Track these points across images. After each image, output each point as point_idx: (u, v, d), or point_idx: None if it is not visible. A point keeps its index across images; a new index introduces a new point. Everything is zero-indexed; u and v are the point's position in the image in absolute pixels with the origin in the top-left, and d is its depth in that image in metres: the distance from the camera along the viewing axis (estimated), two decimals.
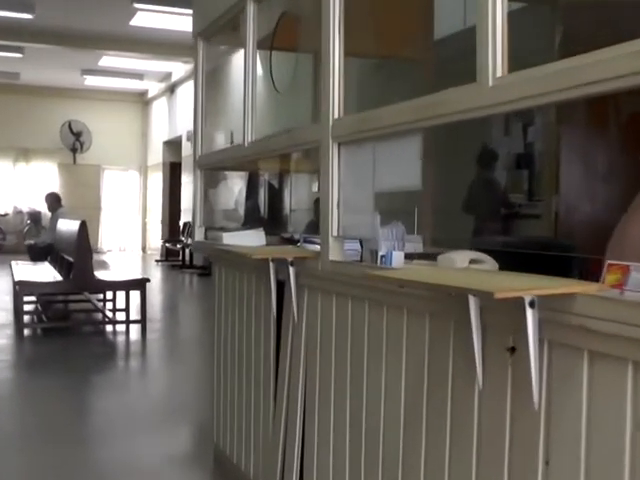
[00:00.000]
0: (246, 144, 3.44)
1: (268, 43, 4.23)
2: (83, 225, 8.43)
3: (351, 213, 2.62)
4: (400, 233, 2.52)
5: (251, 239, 3.67)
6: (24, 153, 22.05)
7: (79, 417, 5.37)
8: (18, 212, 21.44)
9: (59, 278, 8.55)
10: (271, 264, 3.07)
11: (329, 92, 2.58)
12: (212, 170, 4.41)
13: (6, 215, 21.55)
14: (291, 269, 2.89)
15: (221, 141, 4.81)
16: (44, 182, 20.16)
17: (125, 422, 5.21)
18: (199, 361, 7.10)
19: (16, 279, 8.33)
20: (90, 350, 7.51)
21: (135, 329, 8.60)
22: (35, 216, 13.99)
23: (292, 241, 4.05)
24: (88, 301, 9.71)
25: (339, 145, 2.59)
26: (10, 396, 6.08)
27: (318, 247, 2.87)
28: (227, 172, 9.79)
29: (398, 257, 2.42)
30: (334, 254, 2.61)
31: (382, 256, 2.46)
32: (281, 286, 3.11)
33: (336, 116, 2.59)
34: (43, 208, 12.62)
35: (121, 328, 8.84)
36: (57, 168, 22.17)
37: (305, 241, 3.35)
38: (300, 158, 4.88)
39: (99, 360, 7.26)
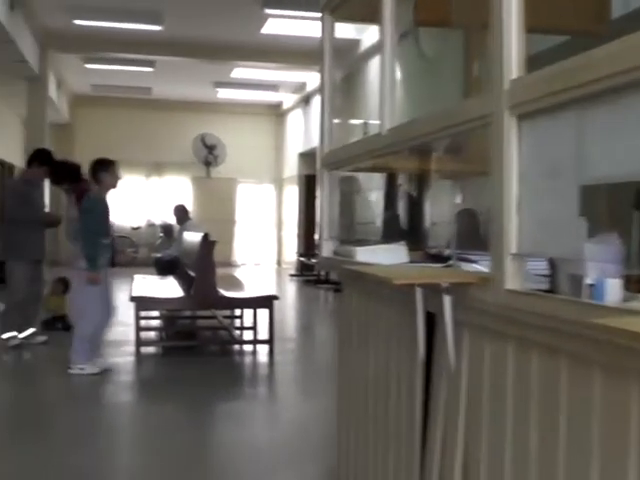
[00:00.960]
0: (384, 132, 2.65)
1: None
2: (206, 238, 7.86)
3: (535, 221, 1.79)
4: (615, 251, 1.68)
5: (390, 256, 2.88)
6: (157, 167, 22.05)
7: (199, 452, 4.71)
8: (150, 225, 21.41)
9: (180, 294, 7.98)
10: (418, 291, 2.27)
11: (501, 42, 1.77)
12: (340, 170, 3.62)
13: (139, 228, 21.59)
14: (446, 299, 2.08)
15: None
16: (177, 196, 19.96)
17: (247, 460, 4.63)
18: (332, 392, 6.34)
19: (133, 294, 7.82)
20: (213, 373, 6.86)
21: (263, 350, 7.95)
22: (167, 229, 13.68)
23: (440, 258, 3.24)
24: (215, 318, 9.14)
25: (519, 119, 1.77)
26: (126, 425, 5.52)
27: (478, 267, 2.06)
28: (362, 179, 9.04)
29: (613, 288, 1.58)
30: (513, 280, 1.79)
31: (590, 285, 1.63)
32: (431, 320, 2.31)
33: (514, 75, 1.77)
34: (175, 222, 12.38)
35: (248, 348, 8.23)
36: (191, 182, 22.05)
37: (460, 259, 2.56)
38: (443, 155, 4.05)
39: (222, 385, 6.61)
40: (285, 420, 5.65)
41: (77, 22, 13.82)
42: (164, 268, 11.52)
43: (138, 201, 21.97)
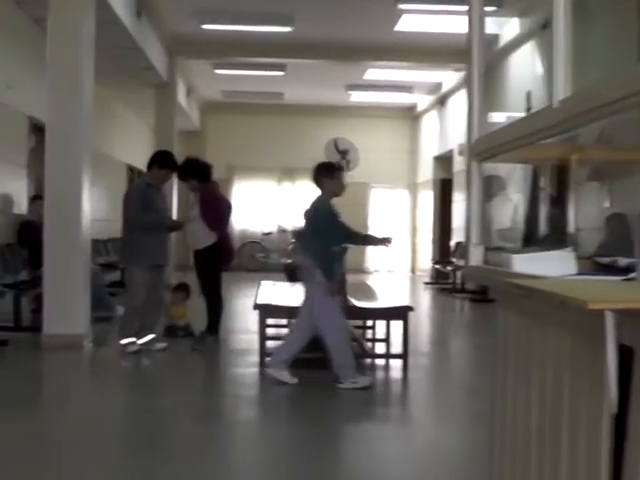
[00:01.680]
0: (556, 103, 2.01)
1: None
2: None
3: None
4: None
5: (557, 265, 2.26)
6: (289, 172, 21.79)
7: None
8: (282, 231, 21.15)
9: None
10: (609, 316, 1.64)
11: None
12: (494, 161, 2.98)
13: (270, 234, 21.38)
14: None
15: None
16: (309, 201, 19.59)
17: None
18: (469, 419, 5.71)
19: (258, 301, 7.36)
20: (342, 389, 6.31)
21: (396, 365, 7.35)
22: (299, 235, 13.31)
23: (614, 270, 2.58)
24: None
25: None
26: (245, 445, 5.00)
27: None
28: (505, 179, 8.32)
29: None
30: None
31: None
32: (625, 354, 1.68)
33: None
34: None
35: (381, 362, 7.64)
36: None
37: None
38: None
39: (351, 403, 6.05)
40: (422, 447, 5.02)
41: (205, 27, 13.61)
42: (293, 274, 11.11)
43: (269, 207, 21.77)
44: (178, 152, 18.09)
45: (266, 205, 21.84)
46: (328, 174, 6.47)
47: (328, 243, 6.26)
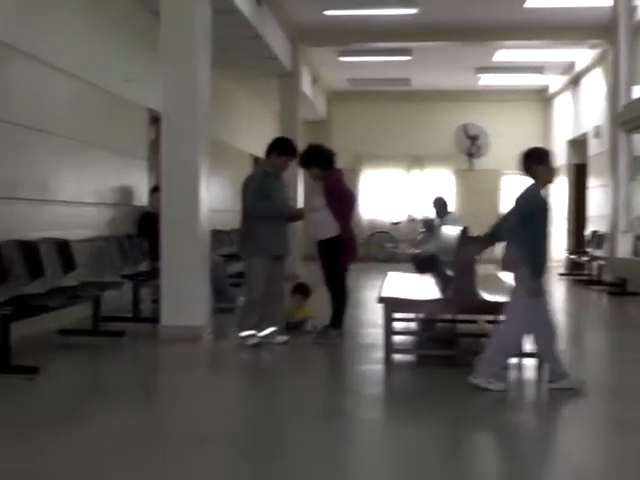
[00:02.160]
0: None
1: None
2: (465, 232, 6.85)
3: None
4: None
5: None
6: (418, 160, 21.31)
7: None
8: (411, 220, 20.69)
9: (436, 295, 7.01)
10: None
11: None
12: None
13: (399, 223, 20.94)
14: None
15: None
16: (439, 189, 19.07)
17: None
18: (615, 427, 5.14)
19: (382, 294, 6.95)
20: (473, 390, 5.83)
21: (529, 364, 6.75)
22: (429, 224, 12.81)
23: None
24: (476, 322, 8.10)
25: None
26: (369, 448, 4.57)
27: None
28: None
29: None
30: None
31: None
32: None
33: None
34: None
35: (512, 361, 7.09)
36: (453, 174, 21.10)
37: None
38: None
39: (484, 406, 5.55)
40: (569, 466, 4.46)
41: (327, 13, 13.30)
42: (422, 265, 10.72)
43: (398, 196, 21.34)
44: (304, 142, 17.99)
45: (394, 194, 21.41)
46: (540, 160, 5.86)
47: (538, 235, 5.72)
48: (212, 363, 7.20)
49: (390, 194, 21.42)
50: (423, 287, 7.84)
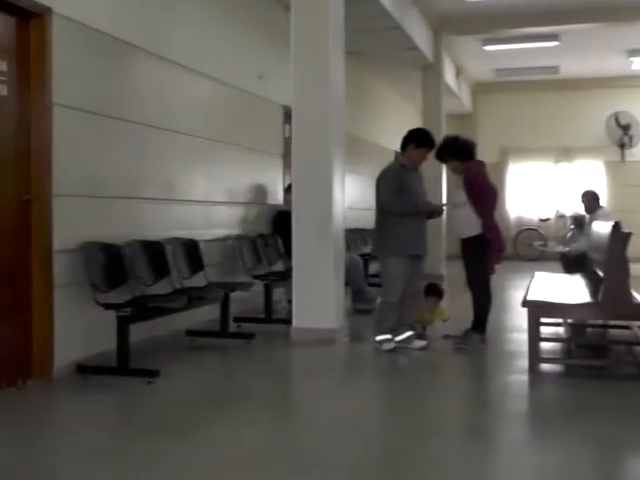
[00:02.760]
0: None
1: None
2: (617, 228, 6.21)
3: None
4: None
5: None
6: (566, 153, 20.24)
7: None
8: (560, 216, 19.71)
9: (586, 298, 6.39)
10: None
11: None
12: None
13: (548, 220, 19.98)
14: None
15: None
16: (588, 183, 18.09)
17: None
18: None
19: (528, 297, 6.39)
20: (631, 407, 5.22)
21: None
22: (579, 221, 12.03)
23: None
24: (628, 328, 7.42)
25: None
26: (517, 477, 4.07)
27: None
28: None
29: None
30: None
31: None
32: None
33: None
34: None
35: None
36: (603, 167, 19.97)
37: None
38: None
39: (637, 426, 4.96)
40: None
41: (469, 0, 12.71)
42: (571, 265, 10.01)
43: (546, 190, 20.36)
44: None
45: (542, 189, 20.43)
46: None
47: None
48: (343, 369, 6.80)
49: (538, 189, 20.48)
50: (572, 289, 7.23)
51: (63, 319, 5.86)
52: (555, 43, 15.31)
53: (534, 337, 6.17)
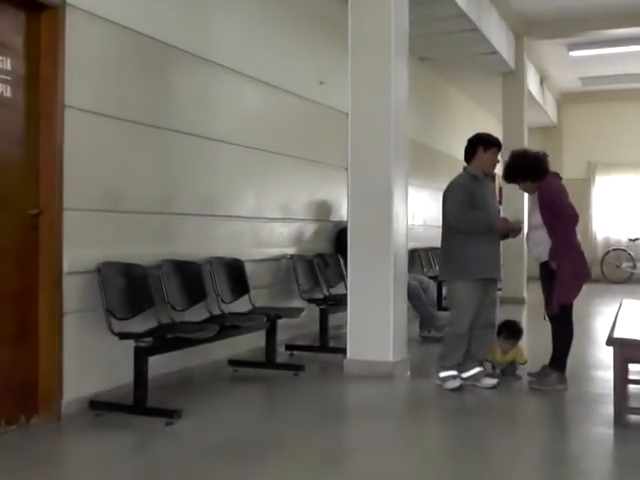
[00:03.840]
0: None
1: None
2: None
3: None
4: None
5: None
6: None
7: None
8: None
9: None
10: None
11: None
12: None
13: (637, 240, 18.66)
14: None
15: None
16: None
17: None
18: None
19: (614, 333, 5.37)
20: None
21: None
22: None
23: None
24: None
25: None
26: None
27: None
28: None
29: None
30: None
31: None
32: None
33: None
34: None
35: None
36: None
37: None
38: None
39: None
40: None
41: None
42: None
43: (637, 208, 19.05)
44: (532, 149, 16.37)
45: (632, 206, 19.15)
46: None
47: None
48: (399, 412, 5.83)
49: (627, 206, 19.21)
50: None
51: (74, 349, 5.16)
52: None
53: (621, 383, 5.15)
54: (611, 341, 5.18)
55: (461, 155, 6.52)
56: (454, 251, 6.23)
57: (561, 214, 6.23)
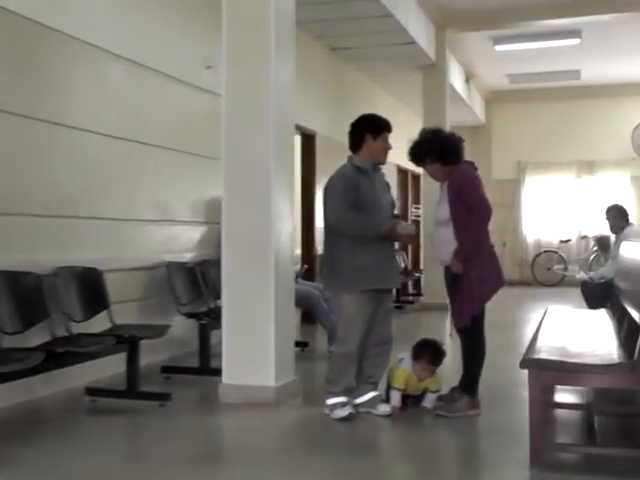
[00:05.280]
0: None
1: None
2: None
3: None
4: None
5: None
6: (588, 167, 18.42)
7: None
8: (583, 237, 17.81)
9: (610, 357, 4.40)
10: None
11: None
12: None
13: (569, 241, 18.04)
14: None
15: None
16: (613, 199, 16.18)
17: None
18: None
19: (529, 353, 4.34)
20: None
21: None
22: (604, 242, 10.21)
23: None
24: None
25: None
26: None
27: None
28: None
29: None
30: None
31: None
32: None
33: None
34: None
35: None
36: (630, 181, 18.04)
37: None
38: None
39: None
40: None
41: None
42: (594, 296, 8.15)
43: (567, 209, 18.40)
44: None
45: (563, 207, 18.51)
46: None
47: None
48: (268, 453, 4.65)
49: (558, 207, 18.55)
50: (595, 334, 5.35)
51: None
52: (576, 41, 13.56)
53: (538, 415, 4.10)
54: (526, 363, 4.19)
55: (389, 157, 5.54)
56: (339, 259, 5.22)
57: (474, 207, 5.25)
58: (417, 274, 14.23)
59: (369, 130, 5.31)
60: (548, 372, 4.12)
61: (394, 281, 5.48)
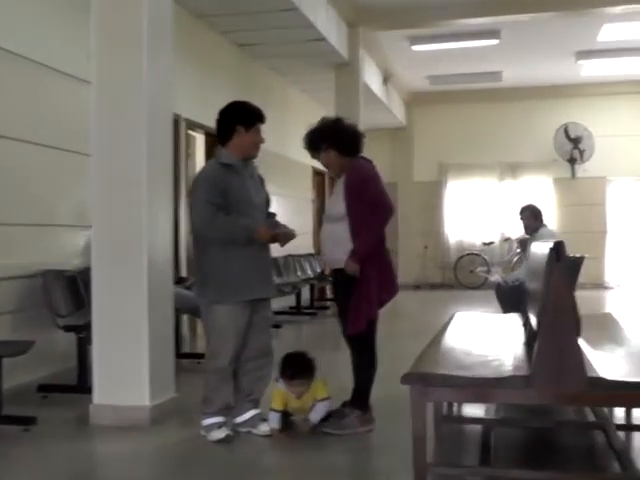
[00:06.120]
0: None
1: None
2: (559, 250, 3.90)
3: None
4: None
5: None
6: (511, 169, 18.25)
7: None
8: (506, 239, 17.63)
9: (508, 368, 3.98)
10: None
11: None
12: None
13: (492, 244, 17.85)
14: None
15: None
16: (536, 202, 16.02)
17: None
18: None
19: (416, 366, 3.91)
20: None
21: None
22: (525, 244, 9.98)
23: None
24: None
25: None
26: None
27: None
28: None
29: None
30: None
31: None
32: None
33: None
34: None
35: None
36: (552, 184, 17.90)
37: None
38: None
39: None
40: None
41: None
42: (508, 299, 7.86)
43: (490, 211, 18.21)
44: (380, 152, 15.19)
45: (485, 209, 18.33)
46: None
47: None
48: (148, 476, 4.31)
49: (480, 209, 18.36)
50: (501, 343, 4.95)
51: None
52: (495, 41, 13.32)
53: (420, 439, 3.67)
54: (407, 378, 3.74)
55: (295, 154, 5.09)
56: (208, 267, 4.73)
57: (375, 204, 4.84)
58: (331, 278, 13.79)
59: (240, 121, 4.82)
60: (431, 387, 3.67)
61: (270, 290, 4.99)
